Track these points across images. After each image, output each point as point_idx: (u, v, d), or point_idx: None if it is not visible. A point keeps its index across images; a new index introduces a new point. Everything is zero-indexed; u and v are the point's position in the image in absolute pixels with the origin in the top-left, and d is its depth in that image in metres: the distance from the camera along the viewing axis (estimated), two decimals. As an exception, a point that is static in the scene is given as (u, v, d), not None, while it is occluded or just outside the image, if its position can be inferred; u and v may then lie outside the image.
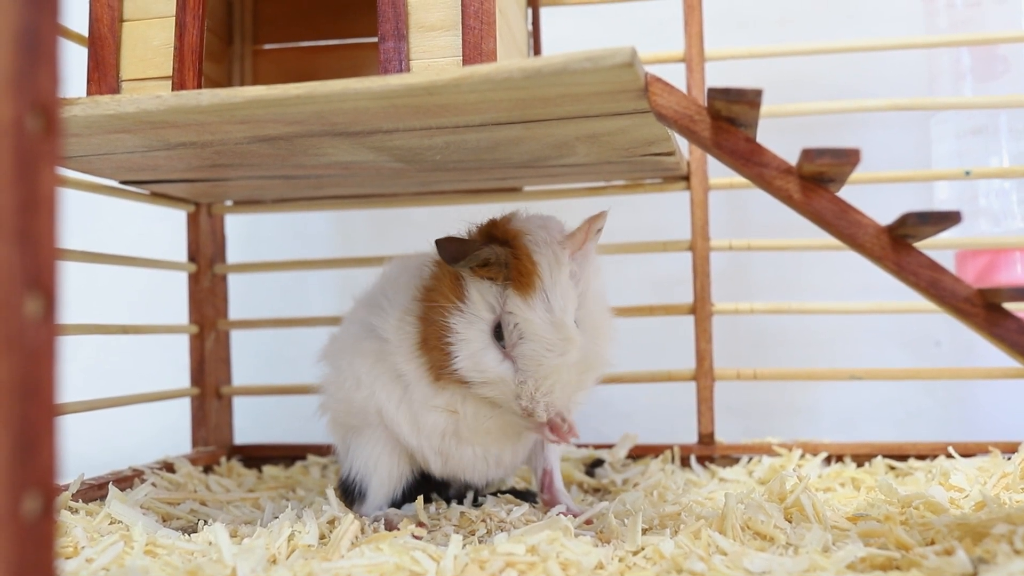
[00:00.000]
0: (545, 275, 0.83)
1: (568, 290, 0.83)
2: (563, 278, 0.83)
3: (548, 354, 0.82)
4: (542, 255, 0.84)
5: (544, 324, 0.82)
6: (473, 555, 0.73)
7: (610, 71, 0.71)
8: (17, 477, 0.41)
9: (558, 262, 0.84)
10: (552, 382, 0.83)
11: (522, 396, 0.83)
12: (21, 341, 0.42)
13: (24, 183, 0.43)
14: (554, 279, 0.83)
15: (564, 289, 0.83)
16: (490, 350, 0.84)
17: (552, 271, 0.83)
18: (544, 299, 0.82)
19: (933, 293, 0.74)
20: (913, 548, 0.73)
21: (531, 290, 0.82)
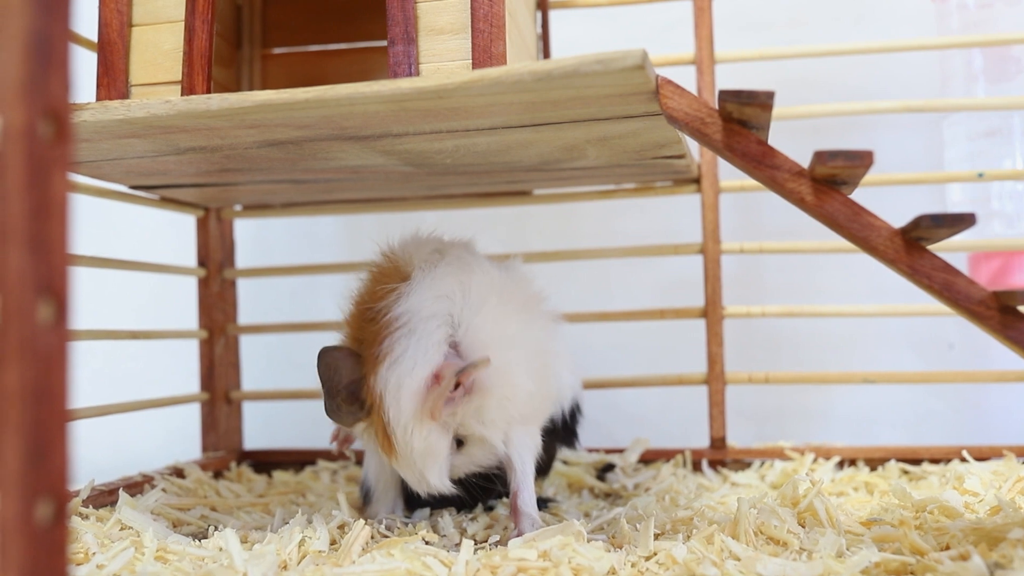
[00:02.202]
0: (400, 446, 0.84)
1: (431, 445, 0.84)
2: (419, 441, 0.83)
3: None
4: (393, 424, 0.84)
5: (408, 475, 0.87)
6: (485, 561, 0.72)
7: (621, 73, 0.70)
8: (29, 483, 0.41)
9: (411, 433, 0.84)
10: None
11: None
12: (33, 347, 0.42)
13: (36, 189, 0.43)
14: (410, 449, 0.84)
15: (423, 449, 0.84)
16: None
17: (406, 442, 0.84)
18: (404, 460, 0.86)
19: (947, 296, 0.74)
20: (928, 553, 0.73)
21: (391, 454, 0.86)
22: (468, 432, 0.86)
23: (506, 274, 0.94)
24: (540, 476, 1.01)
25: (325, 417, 1.01)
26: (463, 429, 0.86)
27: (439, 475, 0.84)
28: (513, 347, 0.86)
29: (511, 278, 0.94)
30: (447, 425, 0.84)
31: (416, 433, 0.83)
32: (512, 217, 1.45)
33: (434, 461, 0.84)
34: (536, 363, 0.89)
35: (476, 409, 0.84)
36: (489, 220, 1.45)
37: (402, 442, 0.83)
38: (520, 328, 0.88)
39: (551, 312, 0.98)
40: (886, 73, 1.36)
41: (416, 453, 0.83)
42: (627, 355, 1.39)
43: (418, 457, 0.83)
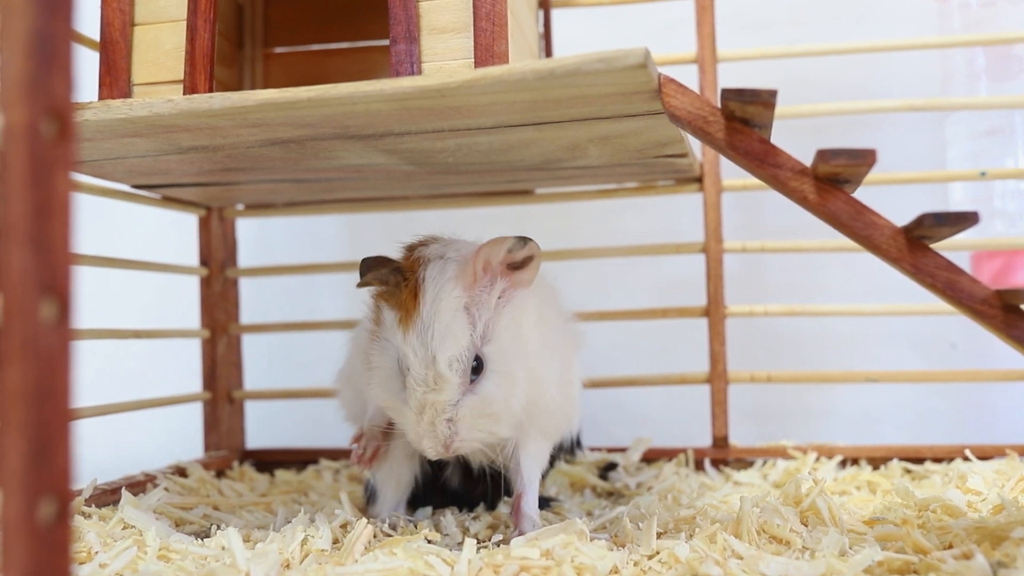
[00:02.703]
0: (425, 309, 0.80)
1: (452, 324, 0.79)
2: (445, 310, 0.79)
3: (418, 389, 0.79)
4: (426, 288, 0.80)
5: (415, 359, 0.79)
6: (487, 559, 0.72)
7: (623, 72, 0.70)
8: (32, 482, 0.41)
9: (440, 296, 0.80)
10: (429, 418, 0.79)
11: (409, 431, 0.82)
12: (36, 346, 0.42)
13: (38, 188, 0.42)
14: (434, 313, 0.79)
15: (445, 323, 0.79)
16: (395, 379, 0.82)
17: (433, 305, 0.80)
18: (419, 332, 0.79)
19: (950, 295, 0.73)
20: (931, 552, 0.73)
21: (409, 323, 0.80)
22: (493, 349, 0.81)
23: (547, 292, 0.92)
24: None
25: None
26: (489, 343, 0.81)
27: (448, 362, 0.78)
28: (549, 358, 0.86)
29: (551, 296, 0.93)
30: (475, 318, 0.80)
31: (448, 296, 0.80)
32: (514, 216, 1.45)
33: (452, 343, 0.79)
34: (562, 381, 0.88)
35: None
36: (491, 219, 1.45)
37: (429, 302, 0.79)
38: (555, 342, 0.87)
39: (578, 336, 0.97)
40: (888, 72, 1.36)
41: (439, 321, 0.79)
42: (629, 354, 1.39)
43: (439, 329, 0.78)
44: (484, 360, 0.80)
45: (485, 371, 0.80)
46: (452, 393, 0.79)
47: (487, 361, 0.81)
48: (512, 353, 0.81)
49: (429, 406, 0.79)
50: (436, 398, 0.79)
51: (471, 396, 0.80)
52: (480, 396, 0.80)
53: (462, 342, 0.79)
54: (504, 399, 0.81)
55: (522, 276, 0.83)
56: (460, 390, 0.79)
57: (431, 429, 0.79)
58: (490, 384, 0.80)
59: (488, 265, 0.81)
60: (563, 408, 0.91)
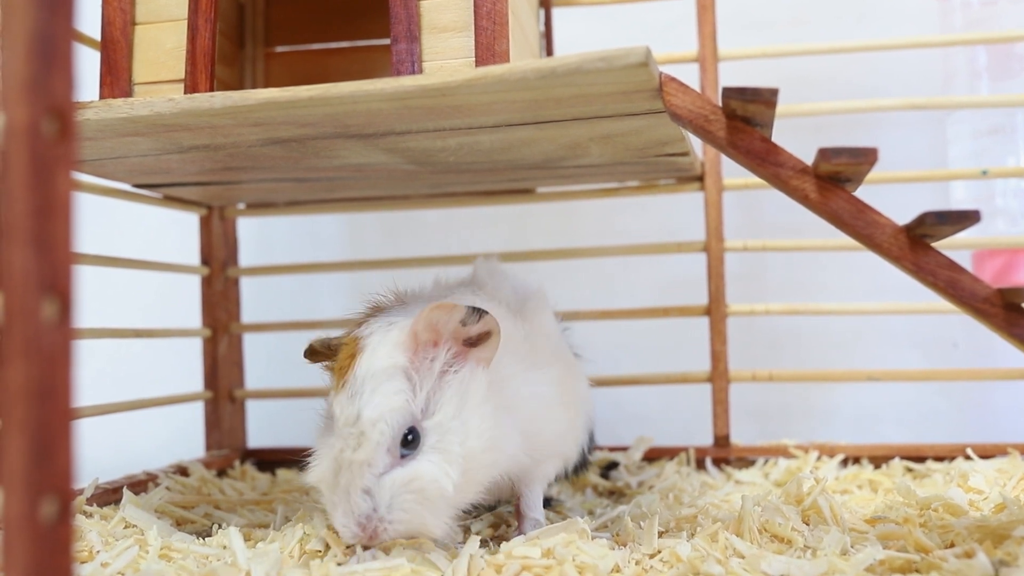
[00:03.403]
0: (359, 368, 0.74)
1: (383, 385, 0.72)
2: (379, 372, 0.73)
3: (336, 446, 0.73)
4: (365, 348, 0.75)
5: (340, 416, 0.73)
6: (489, 559, 0.72)
7: (624, 71, 0.70)
8: (34, 482, 0.41)
9: (376, 355, 0.74)
10: (345, 483, 0.72)
11: (328, 500, 0.74)
12: (38, 345, 0.41)
13: (40, 187, 0.42)
14: (367, 371, 0.73)
15: (377, 383, 0.72)
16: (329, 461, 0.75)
17: (368, 363, 0.73)
18: (350, 390, 0.73)
19: (952, 293, 0.73)
20: (933, 551, 0.73)
21: (342, 384, 0.74)
22: (433, 424, 0.73)
23: (528, 326, 0.87)
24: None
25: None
26: (431, 417, 0.73)
27: (373, 421, 0.71)
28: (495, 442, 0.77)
29: (534, 331, 0.87)
30: (416, 386, 0.73)
31: (384, 355, 0.73)
32: (515, 215, 1.45)
33: (382, 401, 0.71)
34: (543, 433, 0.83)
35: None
36: (492, 218, 1.45)
37: (365, 361, 0.73)
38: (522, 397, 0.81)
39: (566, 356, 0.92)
40: (889, 71, 1.36)
41: (372, 379, 0.72)
42: (630, 353, 1.39)
43: (369, 386, 0.72)
44: (422, 434, 0.73)
45: (421, 446, 0.72)
46: (371, 453, 0.71)
47: (425, 436, 0.73)
48: (454, 431, 0.73)
49: (346, 467, 0.71)
50: (353, 456, 0.71)
51: (399, 470, 0.72)
52: (410, 471, 0.71)
53: (393, 403, 0.72)
54: (438, 480, 0.71)
55: (480, 354, 0.76)
56: (384, 457, 0.71)
57: (345, 497, 0.71)
58: (424, 461, 0.72)
59: (435, 331, 0.75)
60: (559, 449, 0.87)
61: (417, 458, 0.72)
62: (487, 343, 0.76)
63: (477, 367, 0.76)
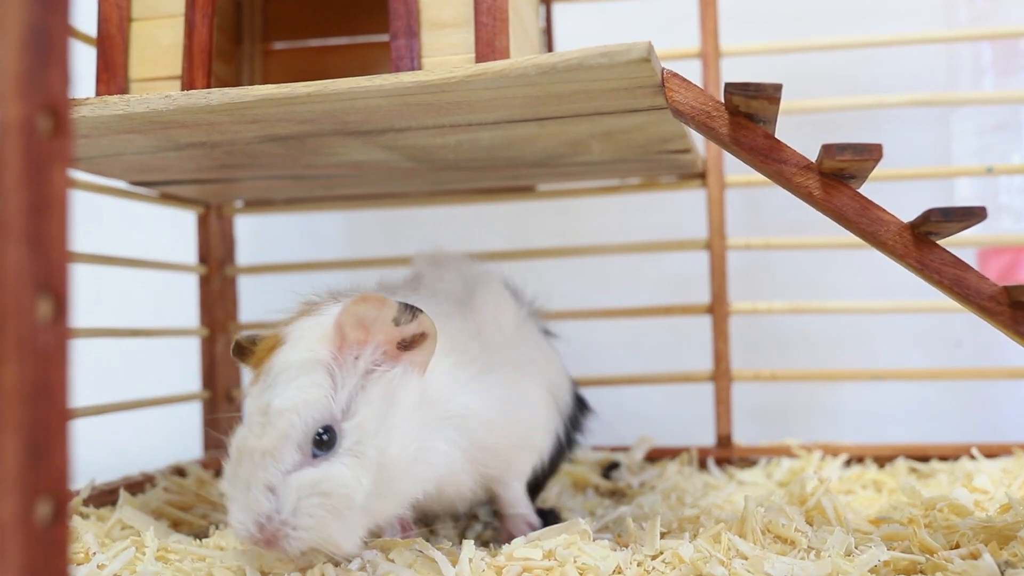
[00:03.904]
0: (277, 359, 0.70)
1: (299, 378, 0.68)
2: (296, 364, 0.69)
3: (240, 433, 0.68)
4: (286, 341, 0.71)
5: (251, 406, 0.69)
6: (489, 560, 0.72)
7: (626, 66, 0.69)
8: (29, 483, 0.40)
9: (296, 347, 0.70)
10: (246, 475, 0.66)
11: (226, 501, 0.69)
12: (32, 344, 0.41)
13: (34, 185, 0.42)
14: (284, 362, 0.69)
15: (292, 375, 0.68)
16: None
17: (287, 355, 0.70)
18: (264, 381, 0.69)
19: (957, 291, 0.73)
20: (938, 552, 0.72)
21: (259, 376, 0.70)
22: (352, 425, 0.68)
23: (469, 323, 0.82)
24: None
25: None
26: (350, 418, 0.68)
27: (281, 411, 0.67)
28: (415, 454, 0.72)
29: (472, 327, 0.82)
30: (338, 384, 0.69)
31: (304, 348, 0.69)
32: (515, 213, 1.45)
33: (295, 393, 0.67)
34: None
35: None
36: (492, 216, 1.44)
37: (284, 353, 0.69)
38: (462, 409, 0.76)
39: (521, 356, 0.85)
40: (893, 67, 1.35)
41: (288, 370, 0.68)
42: (632, 352, 1.39)
43: (283, 378, 0.68)
44: (338, 436, 0.68)
45: (336, 449, 0.67)
46: (276, 443, 0.66)
47: (342, 438, 0.68)
48: (374, 436, 0.68)
49: (247, 455, 0.67)
50: (256, 443, 0.66)
51: (309, 470, 0.66)
52: (319, 473, 0.66)
53: (308, 396, 0.67)
54: (348, 485, 0.66)
55: (414, 358, 0.71)
56: (292, 453, 0.66)
57: (245, 491, 0.66)
58: (337, 463, 0.67)
59: (364, 328, 0.70)
60: (525, 450, 0.83)
61: (330, 460, 0.67)
62: (422, 346, 0.71)
63: (410, 371, 0.71)
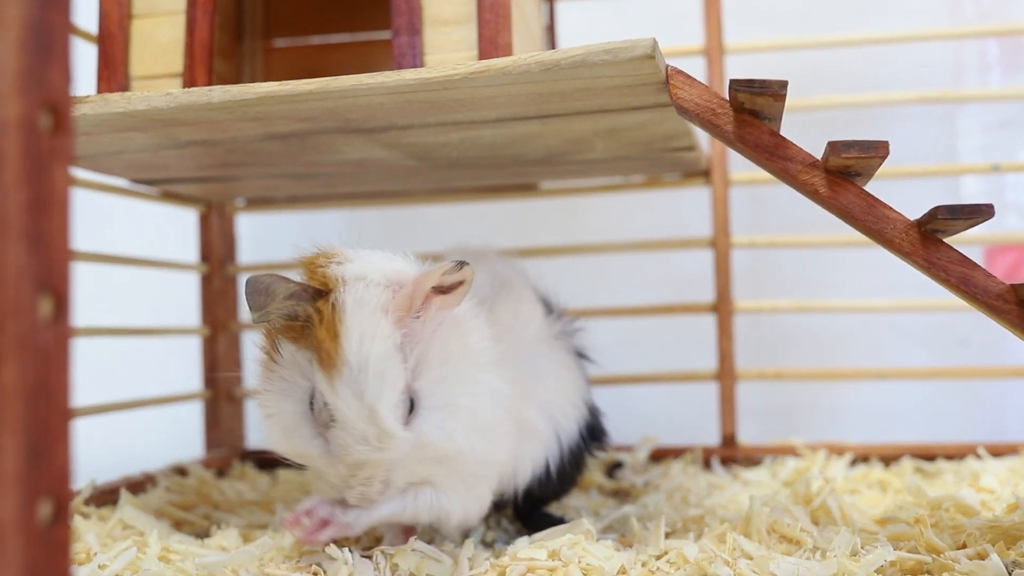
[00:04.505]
0: (352, 349, 0.66)
1: (388, 369, 0.67)
2: (379, 353, 0.67)
3: (359, 447, 0.67)
4: (352, 321, 0.67)
5: (352, 412, 0.66)
6: (494, 561, 0.71)
7: (630, 63, 0.69)
8: (30, 483, 0.40)
9: (373, 333, 0.67)
10: (369, 474, 0.69)
11: (334, 478, 0.70)
12: (33, 343, 0.40)
13: (35, 182, 0.41)
14: (365, 355, 0.66)
15: (380, 368, 0.66)
16: (303, 426, 0.70)
17: (363, 344, 0.66)
18: (352, 381, 0.66)
19: (964, 290, 0.72)
20: (944, 552, 0.72)
21: (334, 368, 0.66)
22: (426, 383, 0.70)
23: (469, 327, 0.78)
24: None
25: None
26: (420, 376, 0.69)
27: (392, 416, 0.66)
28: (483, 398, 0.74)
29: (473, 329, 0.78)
30: (407, 355, 0.69)
31: (379, 335, 0.67)
32: (518, 211, 1.44)
33: (391, 392, 0.67)
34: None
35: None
36: (495, 215, 1.44)
37: (356, 344, 0.66)
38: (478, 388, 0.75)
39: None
40: (899, 64, 1.35)
41: (373, 366, 0.66)
42: (636, 351, 1.38)
43: (374, 376, 0.66)
44: (416, 398, 0.69)
45: (418, 410, 0.69)
46: (401, 450, 0.68)
47: (420, 398, 0.69)
48: (450, 382, 0.71)
49: (370, 465, 0.68)
50: (380, 456, 0.67)
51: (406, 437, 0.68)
52: (417, 440, 0.69)
53: (399, 387, 0.68)
54: (446, 438, 0.70)
55: (448, 300, 0.72)
56: (406, 443, 0.68)
57: (366, 485, 0.69)
58: (425, 424, 0.69)
59: (421, 295, 0.70)
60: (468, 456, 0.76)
61: (418, 424, 0.69)
62: (458, 290, 0.72)
63: (453, 320, 0.73)
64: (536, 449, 0.84)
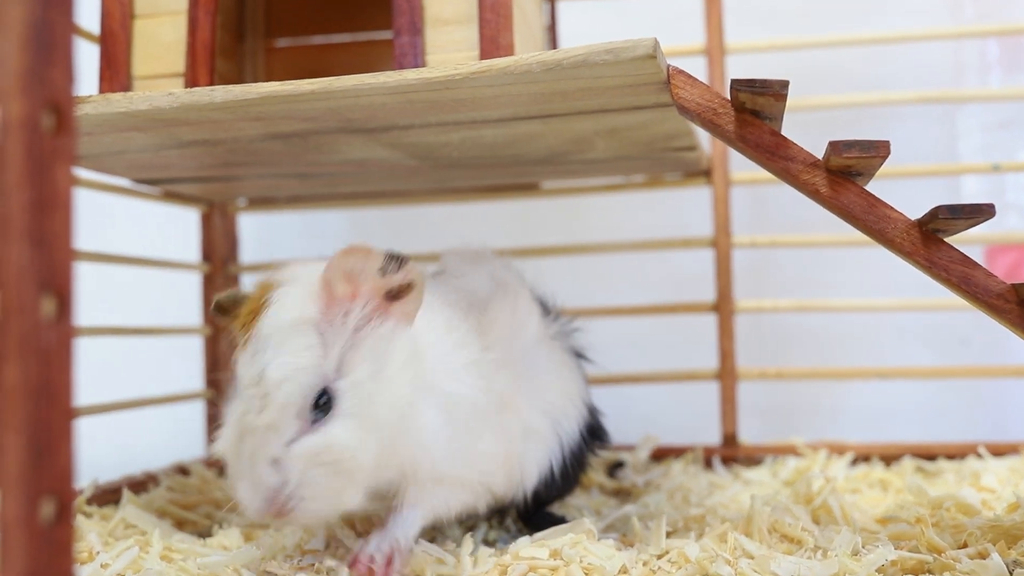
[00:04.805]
0: (264, 322, 0.66)
1: (290, 340, 0.65)
2: (285, 325, 0.65)
3: (239, 409, 0.65)
4: (271, 303, 0.67)
5: (244, 376, 0.65)
6: (497, 559, 0.71)
7: (631, 63, 0.69)
8: (33, 482, 0.40)
9: (283, 308, 0.66)
10: (250, 451, 0.63)
11: (230, 477, 0.66)
12: (36, 343, 0.40)
13: (37, 182, 0.41)
14: (272, 325, 0.65)
15: (283, 337, 0.65)
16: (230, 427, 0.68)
17: (273, 317, 0.66)
18: (254, 347, 0.65)
19: (965, 289, 0.72)
20: (946, 551, 0.72)
21: (246, 341, 0.66)
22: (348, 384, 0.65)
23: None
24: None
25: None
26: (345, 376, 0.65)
27: (279, 380, 0.63)
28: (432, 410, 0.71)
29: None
30: (328, 343, 0.66)
31: (291, 308, 0.66)
32: (519, 211, 1.44)
33: (289, 358, 0.64)
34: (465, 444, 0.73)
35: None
36: (496, 214, 1.44)
37: (271, 316, 0.65)
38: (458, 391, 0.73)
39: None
40: (899, 63, 1.35)
41: (277, 333, 0.65)
42: (637, 351, 1.38)
43: (275, 341, 0.64)
44: (334, 397, 0.65)
45: (335, 411, 0.65)
46: (278, 417, 0.63)
47: (338, 399, 0.65)
48: (373, 393, 0.66)
49: (249, 432, 0.64)
50: (257, 420, 0.63)
51: (310, 437, 0.64)
52: (322, 439, 0.63)
53: (301, 361, 0.64)
54: (355, 448, 0.64)
55: (402, 308, 0.69)
56: (292, 422, 0.64)
57: (250, 468, 0.63)
58: (338, 426, 0.64)
59: (352, 281, 0.67)
60: (463, 476, 0.74)
61: (330, 424, 0.64)
62: (410, 296, 0.69)
63: (399, 325, 0.69)
64: (539, 451, 0.82)
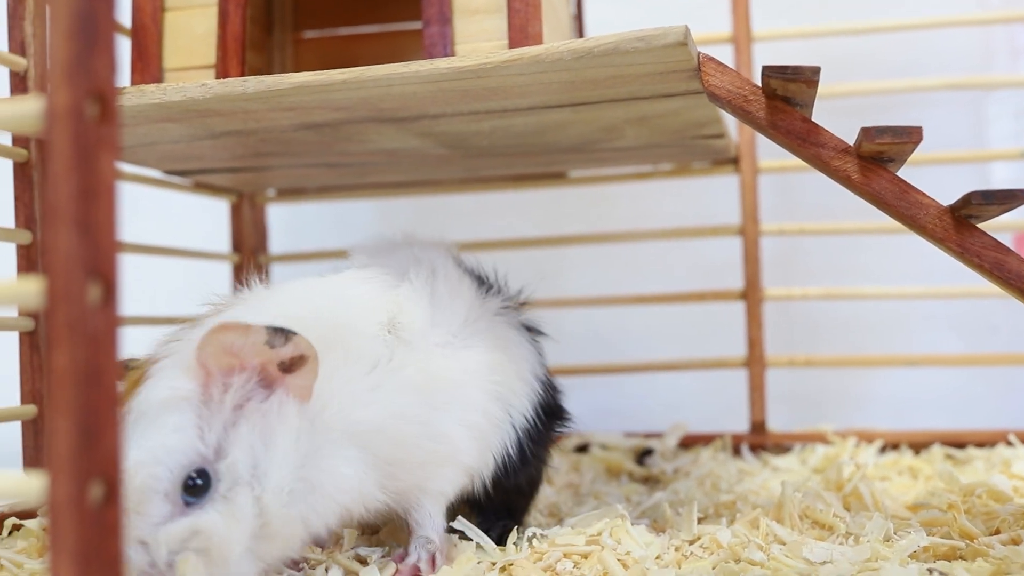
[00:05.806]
0: (141, 393, 0.63)
1: (158, 419, 0.62)
2: (154, 403, 0.62)
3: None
4: (149, 376, 0.64)
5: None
6: (536, 546, 0.72)
7: (662, 50, 0.69)
8: (81, 465, 0.41)
9: (156, 383, 0.63)
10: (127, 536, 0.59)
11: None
12: (84, 328, 0.41)
13: (83, 170, 0.42)
14: (143, 401, 0.63)
15: (152, 417, 0.62)
16: None
17: (145, 392, 0.63)
18: (129, 422, 0.62)
19: (998, 275, 0.72)
20: (978, 537, 0.72)
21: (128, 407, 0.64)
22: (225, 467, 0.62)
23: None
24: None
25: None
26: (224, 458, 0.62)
27: (138, 464, 0.60)
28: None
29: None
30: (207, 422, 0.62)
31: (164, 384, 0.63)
32: (547, 200, 1.44)
33: (154, 438, 0.61)
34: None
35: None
36: (524, 203, 1.44)
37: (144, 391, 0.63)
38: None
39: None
40: (928, 50, 1.34)
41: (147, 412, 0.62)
42: (665, 339, 1.38)
43: (143, 421, 0.62)
44: (213, 479, 0.61)
45: (211, 494, 0.61)
46: (139, 500, 0.59)
47: (217, 481, 0.61)
48: (247, 477, 0.62)
49: (129, 529, 0.59)
50: (125, 501, 0.58)
51: (180, 521, 0.60)
52: (189, 524, 0.60)
53: (169, 442, 0.61)
54: (222, 536, 0.60)
55: (296, 381, 0.64)
56: (159, 505, 0.60)
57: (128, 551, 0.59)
58: (209, 512, 0.60)
59: (232, 356, 0.63)
60: (446, 466, 0.72)
61: (202, 508, 0.61)
62: (303, 369, 0.64)
63: (288, 398, 0.65)
64: (491, 435, 0.77)
